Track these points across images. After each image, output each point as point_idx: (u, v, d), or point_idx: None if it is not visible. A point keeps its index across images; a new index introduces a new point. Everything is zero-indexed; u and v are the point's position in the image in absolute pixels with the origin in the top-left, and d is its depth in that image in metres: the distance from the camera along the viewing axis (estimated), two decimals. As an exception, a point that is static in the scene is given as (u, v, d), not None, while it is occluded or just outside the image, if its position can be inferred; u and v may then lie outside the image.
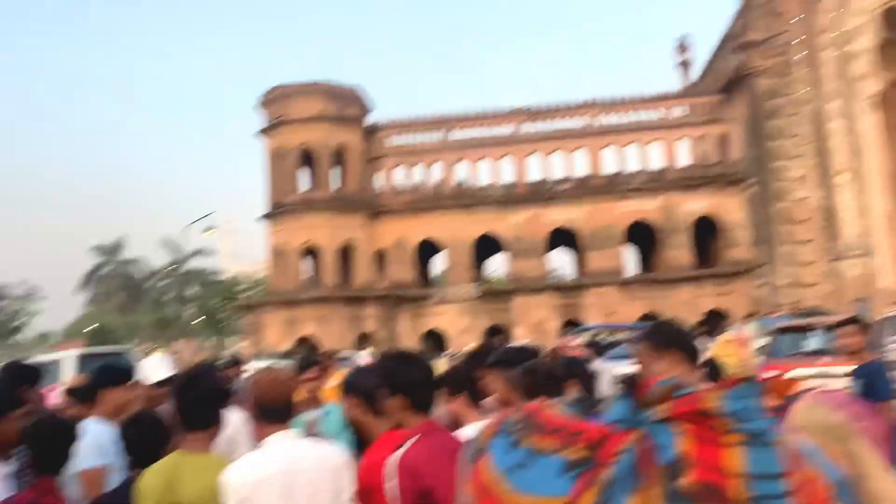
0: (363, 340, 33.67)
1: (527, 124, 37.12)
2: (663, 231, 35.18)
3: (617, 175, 36.19)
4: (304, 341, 33.77)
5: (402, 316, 35.68)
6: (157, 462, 2.75)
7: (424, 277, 41.18)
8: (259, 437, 2.72)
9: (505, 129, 37.20)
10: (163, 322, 62.89)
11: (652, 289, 34.44)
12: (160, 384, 4.41)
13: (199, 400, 2.75)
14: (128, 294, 63.78)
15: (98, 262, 61.77)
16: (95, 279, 62.40)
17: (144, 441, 2.95)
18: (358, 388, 3.01)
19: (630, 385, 0.89)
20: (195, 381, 2.81)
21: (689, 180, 35.07)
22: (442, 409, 2.96)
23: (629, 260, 40.50)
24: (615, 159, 36.70)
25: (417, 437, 2.50)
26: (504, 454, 0.92)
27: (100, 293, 63.15)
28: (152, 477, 2.67)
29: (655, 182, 35.39)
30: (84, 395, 4.22)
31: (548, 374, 3.10)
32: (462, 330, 33.06)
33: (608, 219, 35.30)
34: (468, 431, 2.70)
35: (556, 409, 0.94)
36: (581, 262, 38.54)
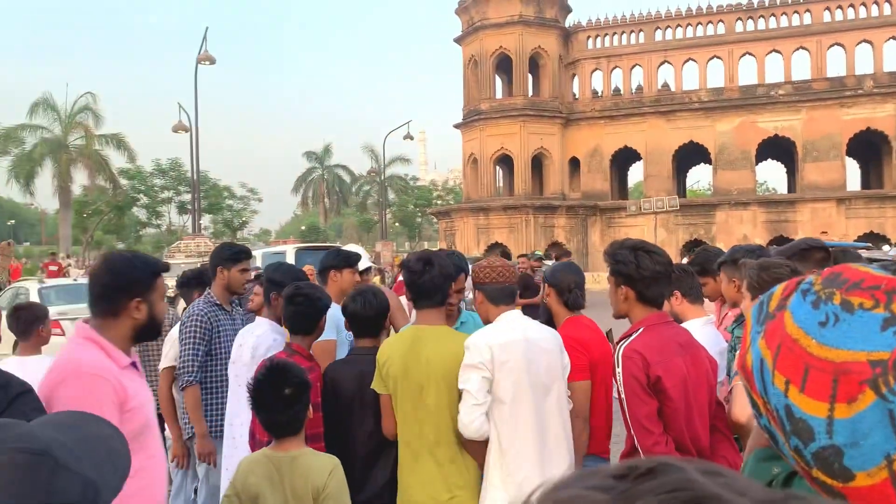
0: (554, 248, 33.58)
1: (739, 23, 33.94)
2: (895, 141, 31.24)
3: (842, 78, 32.35)
4: (495, 247, 34.29)
5: (593, 227, 35.00)
6: (398, 333, 3.33)
7: (620, 187, 39.91)
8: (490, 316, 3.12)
9: (714, 29, 34.31)
10: (365, 224, 66.58)
11: (877, 205, 31.00)
12: (362, 272, 4.72)
13: (433, 280, 3.08)
14: (335, 197, 67.84)
15: (308, 167, 65.94)
16: (306, 183, 66.81)
17: (368, 314, 3.32)
18: (554, 282, 3.77)
19: None
20: (430, 264, 3.12)
21: (934, 83, 30.65)
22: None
23: (851, 174, 36.55)
24: (841, 61, 32.75)
25: (643, 328, 2.64)
26: (807, 312, 0.81)
27: (310, 196, 67.66)
28: (397, 342, 3.11)
29: (890, 86, 31.26)
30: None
31: (789, 269, 2.84)
32: (658, 243, 31.83)
33: (830, 127, 31.87)
34: (694, 327, 3.13)
35: (865, 267, 0.81)
36: (794, 175, 35.42)
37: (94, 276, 2.33)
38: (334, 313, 3.76)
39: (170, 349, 4.36)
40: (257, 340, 3.55)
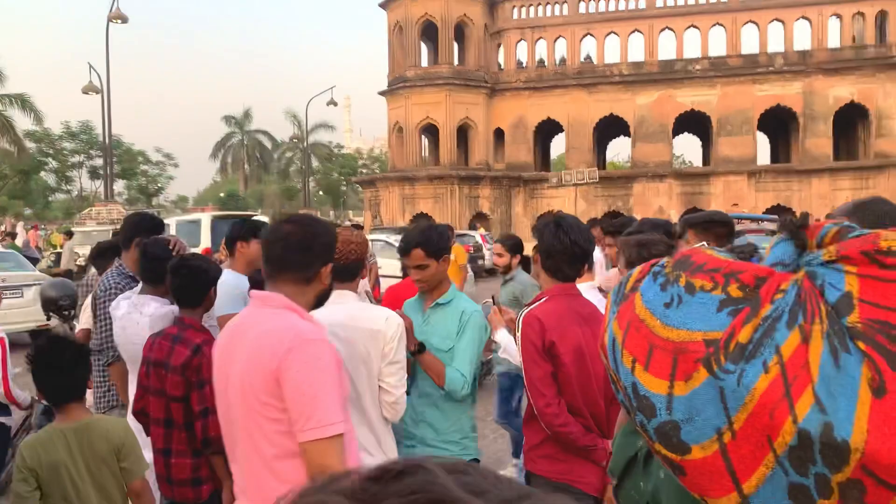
0: (478, 220, 33.81)
1: (661, -2, 34.61)
2: (803, 118, 32.61)
3: (756, 56, 33.46)
4: (420, 217, 34.28)
5: (517, 197, 35.39)
6: None
7: (542, 159, 40.40)
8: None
9: (636, 3, 34.86)
10: (288, 192, 65.46)
11: (785, 179, 32.40)
12: None
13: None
14: (255, 164, 66.35)
15: (228, 132, 64.18)
16: (225, 149, 65.07)
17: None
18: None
19: (792, 228, 0.78)
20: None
21: (838, 62, 32.03)
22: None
23: (761, 148, 38.03)
24: (755, 38, 33.83)
25: (547, 297, 2.75)
26: (655, 293, 0.87)
27: (229, 162, 65.97)
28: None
29: (799, 64, 32.53)
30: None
31: (666, 245, 2.92)
32: (578, 214, 32.42)
33: (743, 103, 32.99)
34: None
35: (712, 251, 0.88)
36: (709, 149, 36.59)
37: (291, 240, 2.13)
38: (239, 284, 3.69)
39: (87, 318, 4.31)
40: (151, 320, 3.40)
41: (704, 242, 3.64)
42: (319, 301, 2.24)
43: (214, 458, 2.95)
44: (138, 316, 3.42)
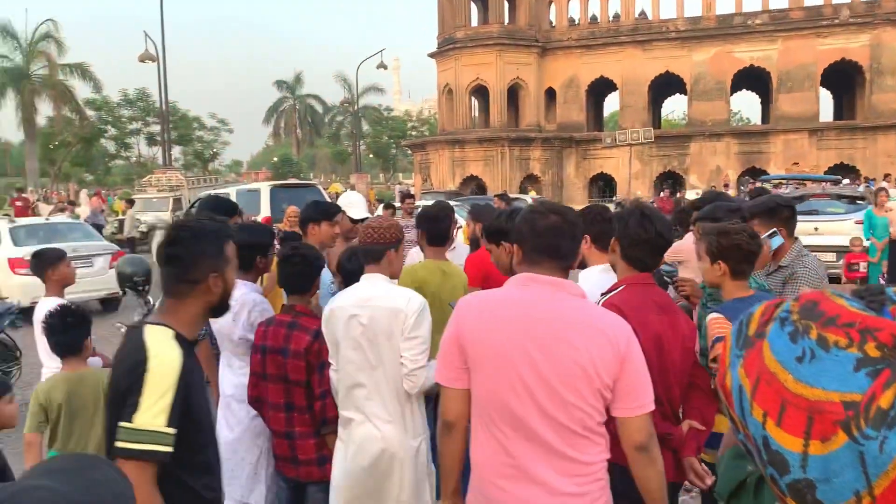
0: (529, 182, 33.57)
1: (719, -51, 33.40)
2: (869, 72, 31.30)
3: (819, 7, 32.12)
4: (471, 180, 34.19)
5: (569, 159, 34.98)
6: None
7: (595, 119, 39.76)
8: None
9: (694, -45, 33.74)
10: (339, 156, 65.88)
11: (849, 137, 31.26)
12: (356, 221, 4.83)
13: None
14: (307, 128, 66.82)
15: (280, 97, 64.63)
16: (277, 114, 65.61)
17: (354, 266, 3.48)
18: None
19: None
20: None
21: (910, 12, 30.54)
22: None
23: (824, 105, 36.67)
24: (820, -11, 32.45)
25: (625, 286, 2.76)
26: (785, 344, 0.84)
27: (281, 127, 66.57)
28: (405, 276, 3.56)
29: (866, 15, 31.12)
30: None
31: (747, 234, 3.01)
32: (633, 175, 31.93)
33: (805, 57, 31.79)
34: (592, 272, 3.27)
35: (842, 300, 0.83)
36: (769, 106, 35.48)
37: (562, 229, 2.25)
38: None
39: None
40: (240, 305, 3.48)
41: (774, 229, 3.60)
42: None
43: (329, 437, 3.13)
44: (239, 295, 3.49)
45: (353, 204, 5.19)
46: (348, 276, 3.51)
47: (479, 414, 2.23)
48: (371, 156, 65.53)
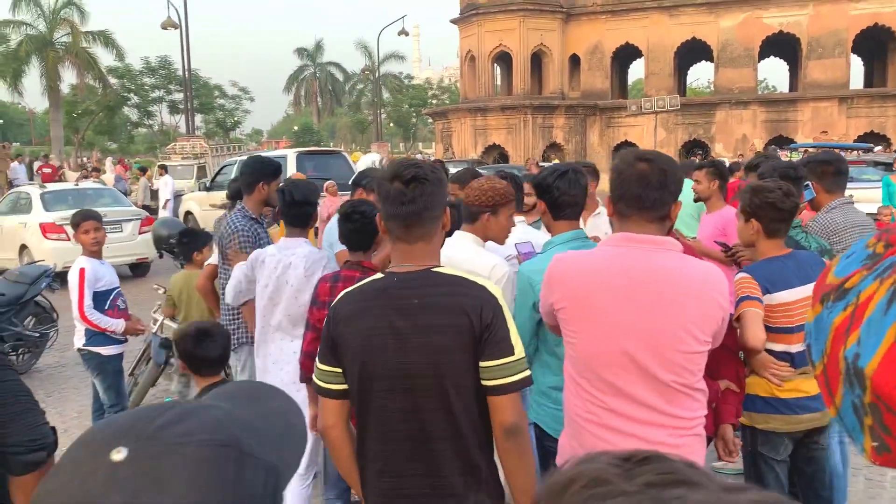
0: (552, 151, 33.32)
1: (750, -90, 32.51)
2: (903, 38, 30.51)
3: (853, -29, 31.25)
4: (493, 149, 33.98)
5: (593, 127, 34.61)
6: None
7: (620, 86, 39.21)
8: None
9: (723, -82, 32.88)
10: (359, 125, 65.67)
11: (879, 104, 30.59)
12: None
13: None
14: (327, 97, 66.61)
15: (300, 65, 64.39)
16: (298, 82, 65.43)
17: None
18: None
19: None
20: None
21: (946, -24, 29.65)
22: None
23: (854, 72, 35.87)
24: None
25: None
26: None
27: (302, 95, 66.40)
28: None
29: (901, -22, 30.24)
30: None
31: (781, 192, 3.04)
32: (658, 143, 31.56)
33: (835, 23, 31.02)
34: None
35: None
36: (797, 73, 34.78)
37: (650, 179, 2.14)
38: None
39: (214, 256, 4.57)
40: (307, 261, 3.58)
41: (808, 182, 3.59)
42: None
43: None
44: (293, 257, 3.55)
45: (375, 161, 5.48)
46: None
47: (580, 371, 2.22)
48: (392, 125, 65.29)
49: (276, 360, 3.63)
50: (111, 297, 4.73)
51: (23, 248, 11.29)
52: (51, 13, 38.79)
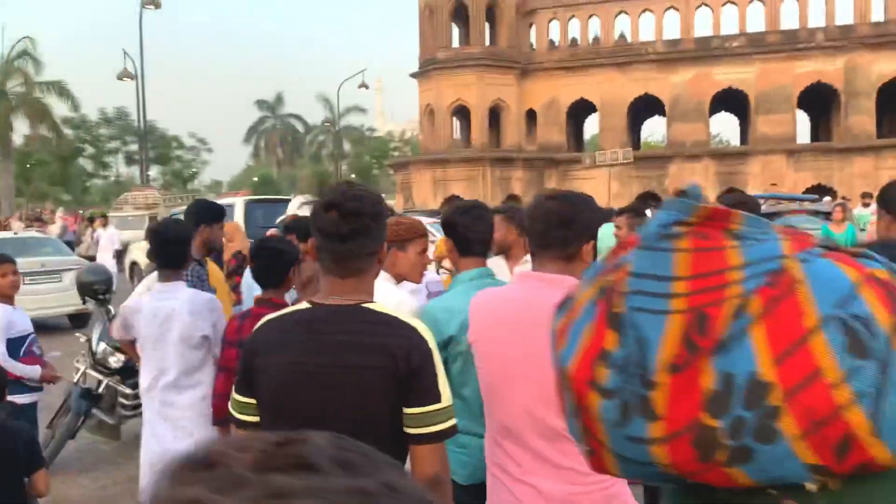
0: (510, 202, 33.58)
1: (697, -27, 33.82)
2: (845, 94, 31.72)
3: (795, 31, 32.57)
4: (453, 199, 34.15)
5: (550, 179, 35.03)
6: None
7: (576, 140, 39.94)
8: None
9: (672, -21, 34.12)
10: (320, 175, 65.66)
11: (825, 158, 31.57)
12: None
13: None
14: (288, 148, 66.67)
15: (260, 116, 64.50)
16: (258, 133, 65.45)
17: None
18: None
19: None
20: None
21: (882, 37, 31.04)
22: None
23: (801, 127, 37.11)
24: (795, 13, 32.93)
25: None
26: None
27: (262, 146, 66.37)
28: None
29: (841, 39, 31.58)
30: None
31: None
32: (612, 196, 32.03)
33: (782, 80, 32.16)
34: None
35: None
36: (747, 128, 35.83)
37: (553, 217, 2.07)
38: None
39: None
40: (191, 305, 3.41)
41: None
42: None
43: None
44: (175, 303, 3.38)
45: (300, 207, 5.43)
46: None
47: (486, 409, 2.17)
48: (353, 176, 65.47)
49: (167, 416, 3.42)
50: (26, 343, 4.54)
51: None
52: (4, 63, 38.39)
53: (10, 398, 4.39)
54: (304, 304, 1.95)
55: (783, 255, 0.82)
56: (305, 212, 5.17)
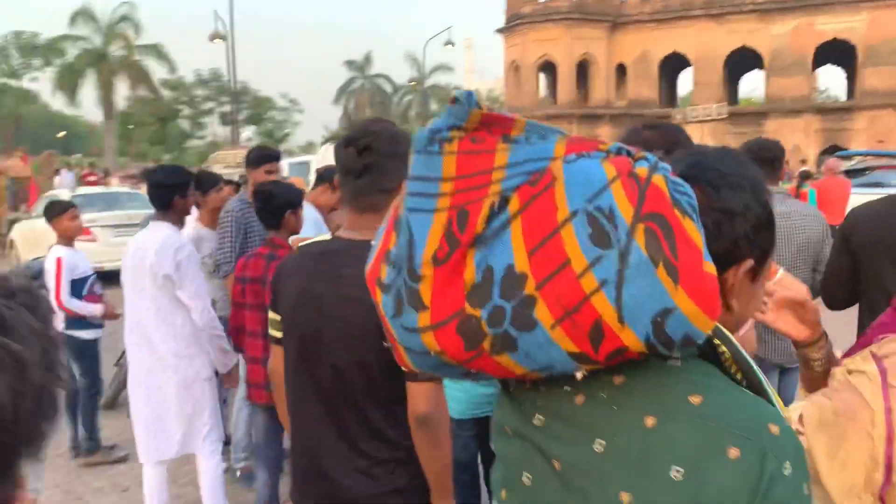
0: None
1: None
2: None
3: (913, -26, 30.15)
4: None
5: (639, 136, 34.02)
6: None
7: (668, 95, 38.56)
8: None
9: (775, -78, 32.12)
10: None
11: (941, 113, 29.37)
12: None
13: None
14: (376, 108, 67.18)
15: (349, 77, 65.09)
16: (347, 94, 66.13)
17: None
18: None
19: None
20: None
21: None
22: None
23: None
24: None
25: None
26: None
27: (351, 107, 67.10)
28: None
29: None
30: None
31: None
32: (704, 153, 30.83)
33: (892, 30, 29.92)
34: None
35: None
36: (854, 81, 33.65)
37: (661, 144, 1.97)
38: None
39: None
40: (162, 245, 3.47)
41: None
42: None
43: None
44: (150, 241, 3.47)
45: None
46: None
47: None
48: (440, 136, 65.46)
49: (141, 350, 3.53)
50: (87, 284, 4.79)
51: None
52: (106, 27, 40.00)
53: (74, 334, 4.66)
54: (327, 236, 2.06)
55: (552, 156, 0.83)
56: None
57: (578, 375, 0.88)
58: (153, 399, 3.44)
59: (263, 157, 4.56)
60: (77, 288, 4.69)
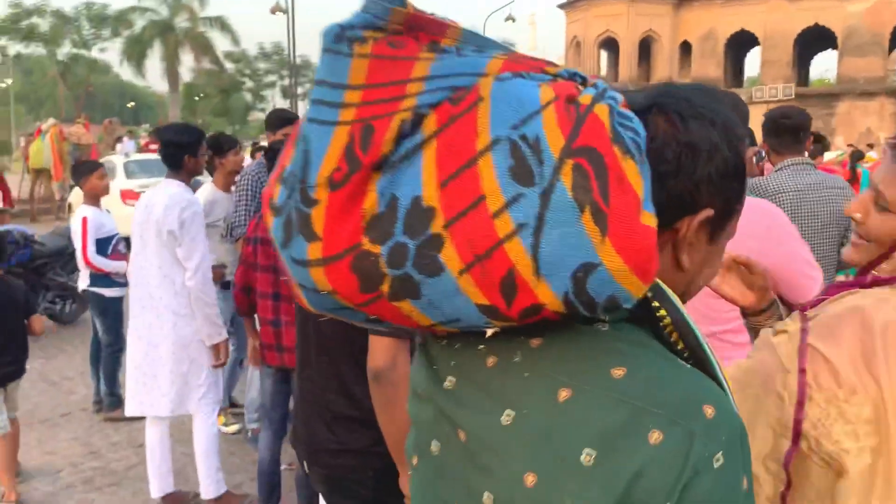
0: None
1: None
2: None
3: None
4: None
5: (702, 116, 33.15)
6: None
7: (734, 75, 37.36)
8: None
9: None
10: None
11: None
12: None
13: None
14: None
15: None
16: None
17: None
18: None
19: None
20: None
21: None
22: None
23: None
24: None
25: None
26: None
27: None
28: None
29: None
30: None
31: None
32: (769, 135, 29.83)
33: (982, 7, 28.32)
34: None
35: None
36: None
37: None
38: None
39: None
40: (169, 199, 3.51)
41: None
42: None
43: None
44: (158, 197, 3.51)
45: None
46: None
47: None
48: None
49: (144, 305, 3.54)
50: (112, 243, 4.89)
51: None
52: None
53: (98, 291, 4.76)
54: None
55: (484, 72, 0.71)
56: None
57: (489, 332, 0.78)
58: (150, 355, 3.46)
59: (282, 120, 4.57)
60: (102, 247, 4.81)
